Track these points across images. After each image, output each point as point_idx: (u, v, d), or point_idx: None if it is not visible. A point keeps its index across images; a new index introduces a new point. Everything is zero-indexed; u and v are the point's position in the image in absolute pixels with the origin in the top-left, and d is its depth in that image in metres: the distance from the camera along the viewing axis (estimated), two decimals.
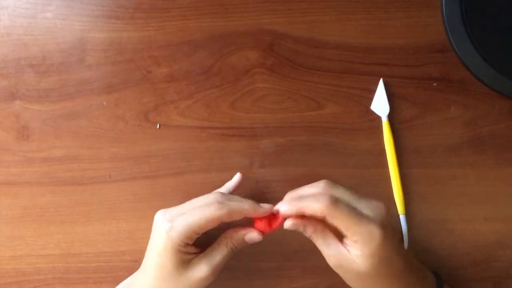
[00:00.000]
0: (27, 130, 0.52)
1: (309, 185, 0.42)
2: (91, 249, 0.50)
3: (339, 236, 0.41)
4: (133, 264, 0.50)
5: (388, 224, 0.40)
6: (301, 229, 0.41)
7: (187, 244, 0.41)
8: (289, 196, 0.42)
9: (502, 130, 0.51)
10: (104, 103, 0.52)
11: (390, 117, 0.51)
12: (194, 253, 0.42)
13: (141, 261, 0.44)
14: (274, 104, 0.51)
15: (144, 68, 0.52)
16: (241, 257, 0.50)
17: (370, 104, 0.51)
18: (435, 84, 0.52)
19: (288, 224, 0.41)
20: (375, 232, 0.38)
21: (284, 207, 0.41)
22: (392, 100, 0.51)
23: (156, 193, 0.51)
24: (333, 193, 0.40)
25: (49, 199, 0.51)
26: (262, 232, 0.42)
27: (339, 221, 0.39)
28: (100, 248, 0.51)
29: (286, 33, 0.52)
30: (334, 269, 0.41)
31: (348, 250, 0.40)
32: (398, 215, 0.50)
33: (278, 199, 0.42)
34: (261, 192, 0.46)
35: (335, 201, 0.39)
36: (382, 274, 0.40)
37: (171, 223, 0.41)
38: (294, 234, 0.42)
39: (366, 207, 0.40)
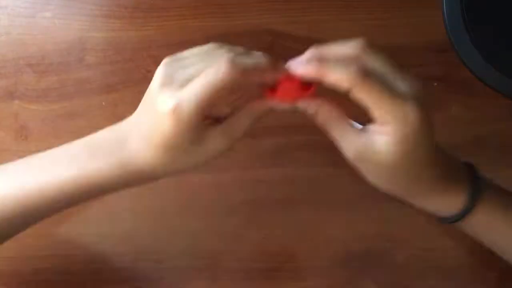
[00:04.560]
0: (26, 130, 0.51)
1: (339, 43, 0.34)
2: (90, 249, 0.50)
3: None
4: (133, 264, 0.50)
5: (426, 107, 0.32)
6: (314, 108, 0.35)
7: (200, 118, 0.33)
8: (311, 53, 0.34)
9: (503, 130, 0.51)
10: (103, 103, 0.52)
11: None
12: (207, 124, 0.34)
13: (142, 261, 0.44)
14: None
15: (144, 68, 0.52)
16: (241, 257, 0.50)
17: None
18: (435, 84, 0.51)
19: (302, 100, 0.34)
20: (412, 114, 0.31)
21: (300, 66, 0.32)
22: None
23: (156, 193, 0.51)
24: (366, 61, 0.33)
25: None
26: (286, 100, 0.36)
27: (369, 96, 0.31)
28: (99, 248, 0.50)
29: (286, 33, 0.52)
30: (353, 162, 0.35)
31: (371, 138, 0.33)
32: None
33: (279, 199, 0.42)
34: (261, 192, 0.46)
35: (367, 73, 0.31)
36: (411, 164, 0.33)
37: (177, 99, 0.32)
38: (294, 231, 0.41)
39: (403, 84, 0.32)
